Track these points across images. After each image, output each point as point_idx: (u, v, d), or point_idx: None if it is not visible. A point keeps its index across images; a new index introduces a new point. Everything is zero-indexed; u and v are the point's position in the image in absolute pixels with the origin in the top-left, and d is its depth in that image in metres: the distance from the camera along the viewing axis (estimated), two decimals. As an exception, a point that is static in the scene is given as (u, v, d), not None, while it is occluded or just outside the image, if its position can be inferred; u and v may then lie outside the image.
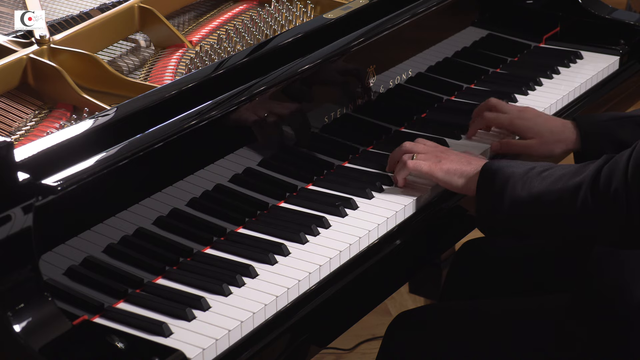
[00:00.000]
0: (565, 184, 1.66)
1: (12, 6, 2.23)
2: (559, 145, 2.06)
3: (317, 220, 1.83)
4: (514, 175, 1.73)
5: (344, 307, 1.77)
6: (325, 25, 2.08)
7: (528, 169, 1.74)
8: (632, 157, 1.60)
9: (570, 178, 1.67)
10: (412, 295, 3.12)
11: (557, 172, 1.70)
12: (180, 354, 1.48)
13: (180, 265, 1.72)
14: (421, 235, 1.91)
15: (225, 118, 1.80)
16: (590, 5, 2.63)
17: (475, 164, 1.83)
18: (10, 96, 1.91)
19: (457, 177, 1.84)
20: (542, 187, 1.69)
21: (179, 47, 2.13)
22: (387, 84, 2.19)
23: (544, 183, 1.69)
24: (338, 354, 3.01)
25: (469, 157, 1.88)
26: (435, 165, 1.87)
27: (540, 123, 2.07)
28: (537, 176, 1.71)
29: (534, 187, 1.70)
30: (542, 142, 2.06)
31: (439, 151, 1.90)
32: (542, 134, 2.06)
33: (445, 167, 1.86)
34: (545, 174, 1.71)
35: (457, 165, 1.85)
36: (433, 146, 1.93)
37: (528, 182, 1.71)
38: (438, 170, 1.86)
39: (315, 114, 2.02)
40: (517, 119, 2.09)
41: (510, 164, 1.78)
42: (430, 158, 1.88)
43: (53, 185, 1.52)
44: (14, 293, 1.46)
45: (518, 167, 1.75)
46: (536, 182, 1.70)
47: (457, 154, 1.89)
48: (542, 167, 1.74)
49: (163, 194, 1.72)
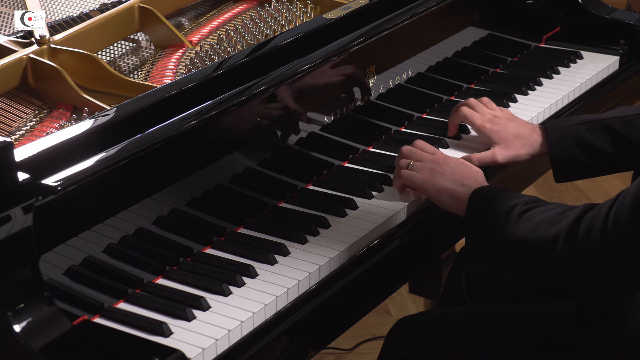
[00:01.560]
0: (543, 232, 1.64)
1: (12, 6, 2.23)
2: (525, 149, 2.05)
3: (317, 220, 1.83)
4: (497, 213, 1.72)
5: (344, 307, 1.77)
6: (325, 25, 2.08)
7: (511, 206, 1.71)
8: (610, 213, 1.56)
9: (549, 225, 1.64)
10: (412, 295, 3.11)
11: (537, 217, 1.67)
12: (180, 354, 1.48)
13: (180, 265, 1.72)
14: (421, 235, 1.91)
15: (225, 118, 1.80)
16: (590, 5, 2.63)
17: (468, 185, 1.81)
18: (10, 96, 1.91)
19: (447, 197, 1.83)
20: (523, 231, 1.67)
21: (179, 47, 2.13)
22: (387, 84, 2.19)
23: (524, 227, 1.67)
24: (338, 354, 3.01)
25: (463, 172, 1.86)
26: (428, 180, 1.86)
27: (510, 127, 2.07)
28: (519, 218, 1.69)
29: (515, 230, 1.68)
30: (507, 147, 2.05)
31: (435, 162, 1.88)
32: (507, 138, 2.06)
33: (438, 183, 1.84)
34: (527, 215, 1.69)
35: (449, 184, 1.83)
36: (431, 154, 1.91)
37: (511, 224, 1.69)
38: (430, 187, 1.85)
39: (316, 114, 2.02)
40: (487, 122, 2.08)
41: (496, 196, 1.75)
42: (424, 170, 1.87)
43: (53, 185, 1.52)
44: (14, 293, 1.46)
45: (503, 202, 1.73)
46: (518, 224, 1.68)
47: (452, 168, 1.86)
48: (525, 204, 1.71)
49: (163, 194, 1.72)
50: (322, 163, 2.03)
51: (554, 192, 3.87)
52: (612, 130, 2.00)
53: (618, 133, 1.99)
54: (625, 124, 2.00)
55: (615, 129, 2.00)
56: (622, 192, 1.57)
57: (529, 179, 2.38)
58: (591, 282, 1.62)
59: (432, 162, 1.89)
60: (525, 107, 2.30)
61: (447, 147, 2.13)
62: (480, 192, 1.79)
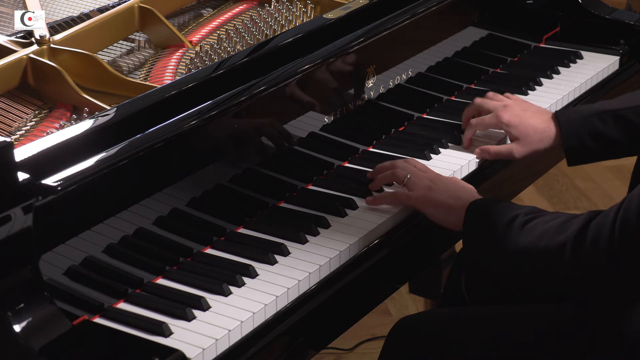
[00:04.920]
0: (548, 242, 1.64)
1: (12, 6, 2.23)
2: (542, 143, 2.07)
3: (317, 220, 1.83)
4: (498, 223, 1.72)
5: (344, 307, 1.77)
6: (325, 25, 2.08)
7: (512, 217, 1.71)
8: (617, 218, 1.56)
9: (553, 235, 1.64)
10: (412, 295, 3.11)
11: (540, 226, 1.67)
12: (180, 354, 1.48)
13: (180, 265, 1.72)
14: (422, 234, 1.91)
15: (225, 118, 1.80)
16: (590, 5, 2.63)
17: (464, 199, 1.81)
18: (10, 96, 1.92)
19: (444, 212, 1.83)
20: (526, 242, 1.67)
21: (179, 47, 2.14)
22: (387, 84, 2.19)
23: (527, 238, 1.67)
24: (338, 354, 3.01)
25: (457, 187, 1.86)
26: (423, 197, 1.85)
27: (526, 119, 2.08)
28: (521, 229, 1.69)
29: (518, 241, 1.68)
30: (527, 142, 2.07)
31: (429, 179, 1.88)
32: (526, 133, 2.07)
33: (434, 199, 1.84)
34: (529, 226, 1.68)
35: (445, 198, 1.83)
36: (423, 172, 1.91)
37: (513, 236, 1.69)
38: (426, 203, 1.85)
39: (316, 114, 2.02)
40: (503, 113, 2.09)
41: (494, 207, 1.75)
42: (420, 187, 1.87)
43: (53, 185, 1.52)
44: (14, 293, 1.46)
45: (502, 215, 1.72)
46: (520, 235, 1.68)
47: (446, 184, 1.86)
48: (525, 215, 1.71)
49: (163, 194, 1.72)
50: (322, 163, 2.03)
51: (553, 192, 3.86)
52: (625, 121, 2.03)
53: (631, 123, 2.03)
54: (638, 114, 2.03)
55: (628, 119, 2.03)
56: (628, 196, 1.57)
57: (529, 179, 2.38)
58: (601, 287, 1.63)
59: (426, 179, 1.89)
60: (525, 107, 2.30)
61: (446, 147, 2.13)
62: (477, 203, 1.79)
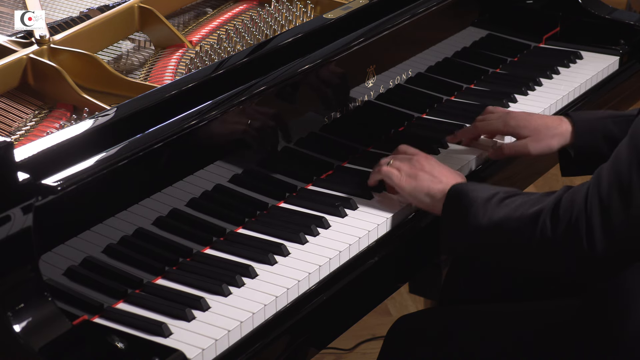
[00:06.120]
0: (524, 211, 1.64)
1: (12, 6, 2.23)
2: (556, 139, 2.04)
3: (317, 220, 1.83)
4: (477, 201, 1.71)
5: (344, 307, 1.77)
6: (325, 25, 2.08)
7: (491, 194, 1.71)
8: (590, 186, 1.58)
9: (530, 206, 1.64)
10: (412, 295, 3.11)
11: (519, 200, 1.67)
12: (180, 354, 1.48)
13: (180, 265, 1.72)
14: (422, 234, 1.91)
15: (225, 118, 1.80)
16: (590, 5, 2.63)
17: (445, 183, 1.80)
18: (10, 96, 1.92)
19: (423, 194, 1.82)
20: (502, 214, 1.67)
21: (179, 47, 2.13)
22: (387, 84, 2.19)
23: (504, 210, 1.67)
24: (338, 354, 3.01)
25: (442, 170, 1.84)
26: (405, 178, 1.84)
27: (534, 119, 2.07)
28: (499, 203, 1.68)
29: (494, 214, 1.68)
30: (539, 137, 2.04)
31: (415, 161, 1.86)
32: (538, 129, 2.05)
33: (415, 182, 1.83)
34: (507, 201, 1.68)
35: (427, 182, 1.82)
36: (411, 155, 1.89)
37: (490, 209, 1.69)
38: (406, 185, 1.84)
39: (315, 114, 2.02)
40: (510, 119, 2.08)
41: (475, 187, 1.75)
42: (403, 167, 1.86)
43: (53, 185, 1.52)
44: (14, 293, 1.46)
45: (482, 192, 1.72)
46: (497, 209, 1.68)
47: (432, 166, 1.84)
48: (505, 193, 1.71)
49: (163, 194, 1.72)
50: (322, 163, 2.03)
51: (553, 192, 3.86)
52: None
53: None
54: None
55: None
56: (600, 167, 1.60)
57: (529, 178, 2.38)
58: (572, 258, 1.62)
59: (412, 161, 1.87)
60: (525, 107, 2.30)
61: (446, 147, 2.13)
62: (458, 186, 1.78)
